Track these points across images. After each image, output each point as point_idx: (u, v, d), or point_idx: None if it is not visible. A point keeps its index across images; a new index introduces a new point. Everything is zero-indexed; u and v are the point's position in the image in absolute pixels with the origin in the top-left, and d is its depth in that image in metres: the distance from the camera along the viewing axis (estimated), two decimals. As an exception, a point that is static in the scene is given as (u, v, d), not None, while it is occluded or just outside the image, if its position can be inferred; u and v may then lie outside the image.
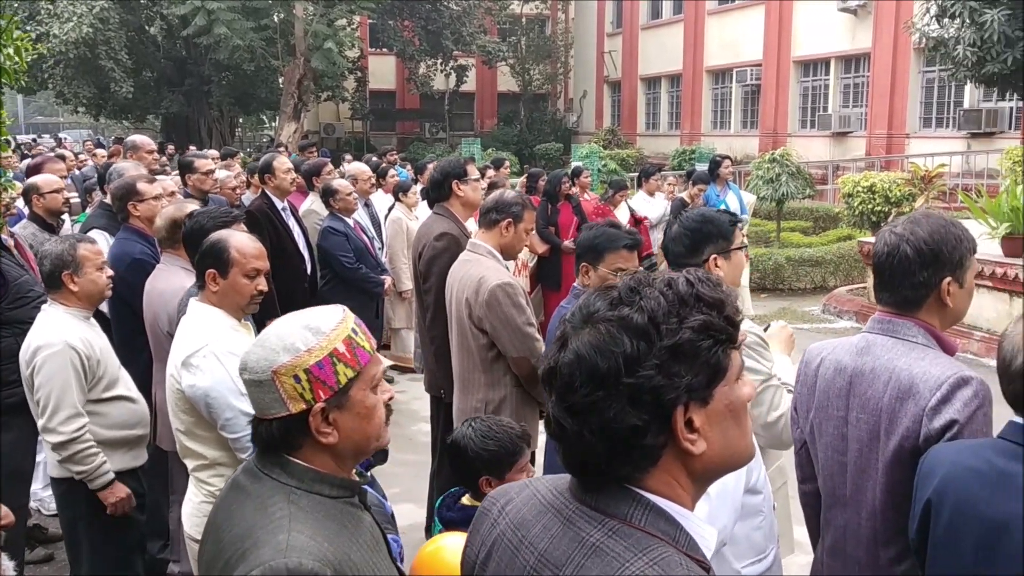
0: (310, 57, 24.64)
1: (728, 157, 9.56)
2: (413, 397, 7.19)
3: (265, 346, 1.68)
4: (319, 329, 1.67)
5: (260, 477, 1.66)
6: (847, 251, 11.97)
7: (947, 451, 1.96)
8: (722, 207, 9.06)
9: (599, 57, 35.17)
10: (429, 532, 2.75)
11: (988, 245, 8.75)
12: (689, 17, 29.39)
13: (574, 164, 13.26)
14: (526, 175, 11.15)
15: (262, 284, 3.07)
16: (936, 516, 1.91)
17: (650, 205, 9.74)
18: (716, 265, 2.76)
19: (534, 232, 8.79)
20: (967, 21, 14.94)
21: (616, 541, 1.17)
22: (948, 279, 2.18)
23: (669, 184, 10.49)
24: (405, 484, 5.50)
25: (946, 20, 15.57)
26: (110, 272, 3.66)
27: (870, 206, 10.95)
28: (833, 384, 2.31)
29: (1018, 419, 1.83)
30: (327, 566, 1.51)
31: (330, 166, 7.85)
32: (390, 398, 1.78)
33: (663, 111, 32.20)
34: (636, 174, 13.36)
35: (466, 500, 2.74)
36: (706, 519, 2.13)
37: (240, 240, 3.06)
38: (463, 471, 2.70)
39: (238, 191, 7.29)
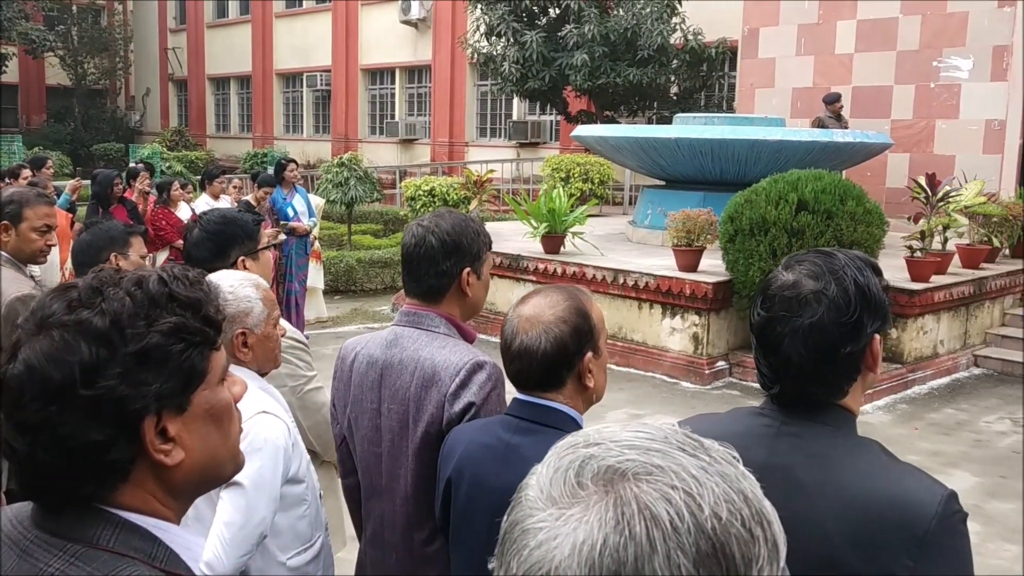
0: None
1: (294, 160, 9.52)
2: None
3: None
4: None
5: None
6: (413, 252, 12.51)
7: (464, 431, 2.08)
8: (289, 210, 9.03)
9: (162, 53, 33.35)
10: None
11: (532, 243, 9.69)
12: (257, 18, 28.94)
13: (131, 165, 12.40)
14: (92, 177, 10.19)
15: None
16: (456, 492, 2.02)
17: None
18: (244, 267, 2.70)
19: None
20: (511, 40, 16.45)
21: (79, 568, 1.05)
22: (468, 269, 2.33)
23: (234, 187, 10.19)
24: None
25: (494, 38, 17.01)
26: None
27: (431, 209, 11.57)
28: (366, 377, 2.36)
29: (520, 395, 1.99)
30: None
31: None
32: None
33: (234, 113, 31.39)
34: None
35: None
36: (244, 511, 2.07)
37: None
38: None
39: None
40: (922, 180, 8.64)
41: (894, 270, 8.38)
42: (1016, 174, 11.53)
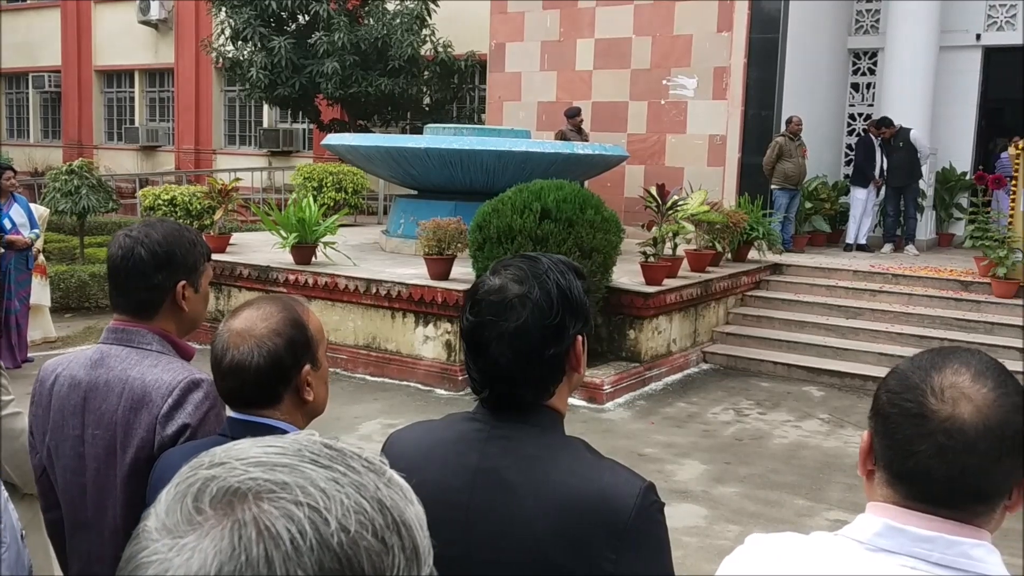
0: None
1: (11, 167, 8.68)
2: None
3: None
4: None
5: None
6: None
7: (175, 455, 1.95)
8: (6, 221, 8.22)
9: None
10: None
11: (282, 254, 9.42)
12: (-27, 12, 26.30)
13: None
14: None
15: None
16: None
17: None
18: None
19: None
20: (259, 45, 15.95)
21: None
22: (183, 282, 2.20)
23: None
24: None
25: (240, 43, 16.42)
26: None
27: (172, 218, 10.97)
28: (68, 401, 2.16)
29: (234, 414, 1.89)
30: None
31: None
32: None
33: (-54, 115, 28.35)
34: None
35: None
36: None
37: None
38: None
39: None
40: (653, 190, 9.22)
41: (631, 275, 8.89)
42: (736, 184, 12.58)
